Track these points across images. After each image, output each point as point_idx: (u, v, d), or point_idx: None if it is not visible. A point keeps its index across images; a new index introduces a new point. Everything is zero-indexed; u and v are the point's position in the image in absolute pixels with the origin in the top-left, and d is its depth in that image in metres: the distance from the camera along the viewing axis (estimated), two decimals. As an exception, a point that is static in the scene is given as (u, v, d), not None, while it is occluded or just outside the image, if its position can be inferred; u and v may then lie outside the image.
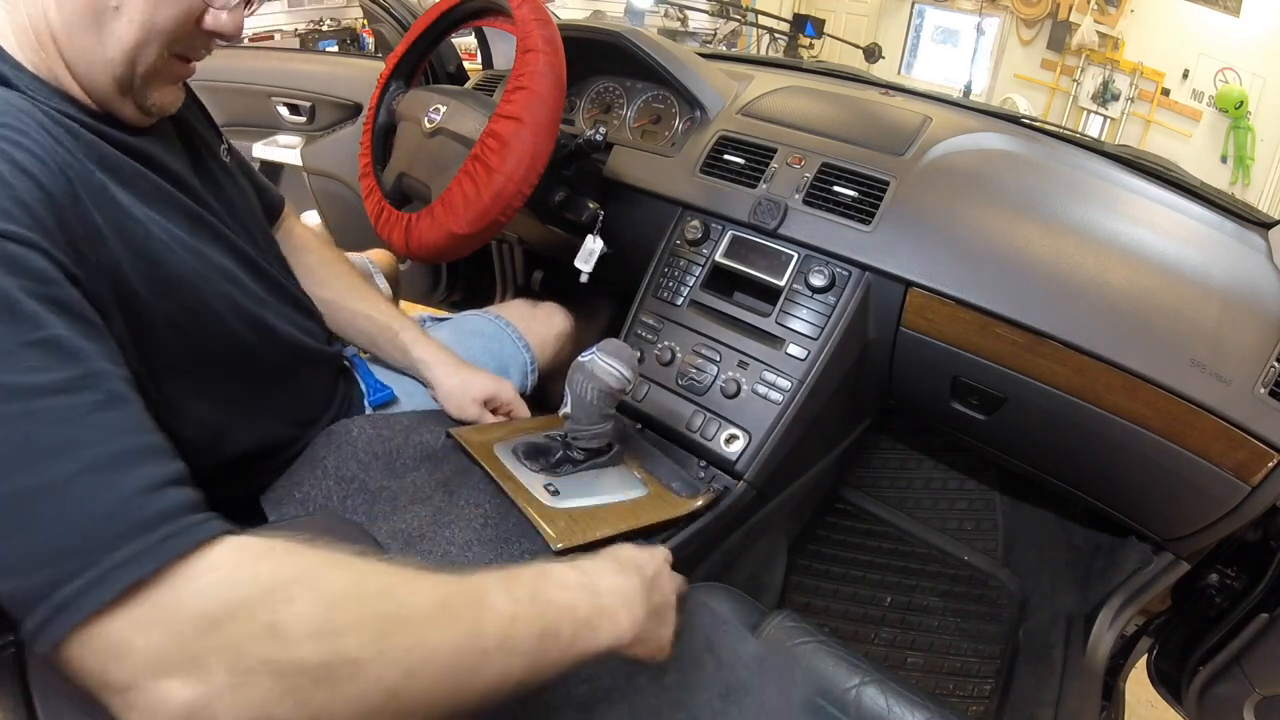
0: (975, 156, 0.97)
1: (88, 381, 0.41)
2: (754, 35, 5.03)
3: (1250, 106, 3.73)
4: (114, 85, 0.56)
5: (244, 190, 0.77)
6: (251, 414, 0.70)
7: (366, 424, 0.79)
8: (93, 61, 0.55)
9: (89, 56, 0.54)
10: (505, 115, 0.88)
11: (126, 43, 0.55)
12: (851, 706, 0.62)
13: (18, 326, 0.40)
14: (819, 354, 0.92)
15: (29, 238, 0.43)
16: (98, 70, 0.55)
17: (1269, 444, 0.75)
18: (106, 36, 0.54)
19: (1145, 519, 0.97)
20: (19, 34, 0.54)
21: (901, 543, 1.44)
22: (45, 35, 0.54)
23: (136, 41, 0.55)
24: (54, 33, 0.53)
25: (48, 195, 0.47)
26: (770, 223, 0.97)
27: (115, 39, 0.54)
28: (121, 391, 0.43)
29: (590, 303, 1.50)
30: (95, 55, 0.55)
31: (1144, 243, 0.85)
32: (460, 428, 0.83)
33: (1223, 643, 0.97)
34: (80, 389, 0.41)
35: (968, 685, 1.20)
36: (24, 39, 0.54)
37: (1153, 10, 4.07)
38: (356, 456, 0.75)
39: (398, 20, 1.53)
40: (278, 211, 0.90)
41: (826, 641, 0.71)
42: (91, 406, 0.41)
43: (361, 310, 0.89)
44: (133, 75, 0.57)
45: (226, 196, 0.72)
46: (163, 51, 0.57)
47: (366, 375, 0.89)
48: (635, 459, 0.88)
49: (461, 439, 0.80)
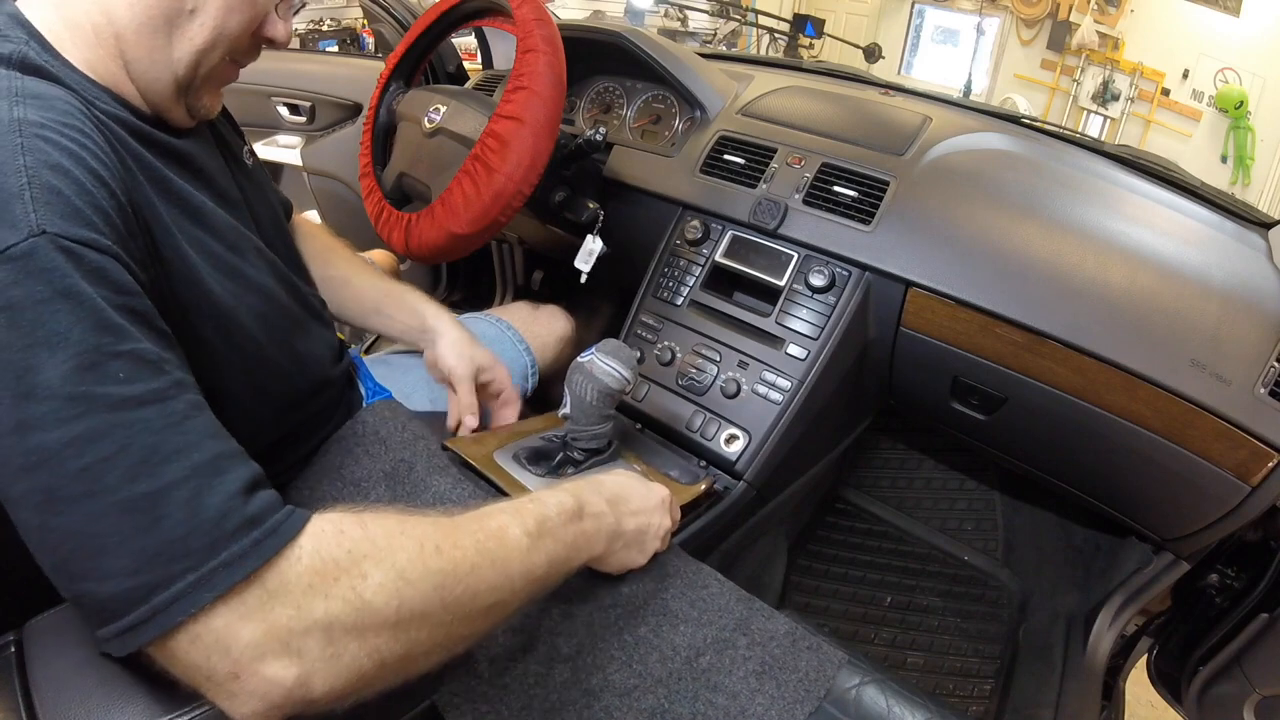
0: (975, 156, 0.97)
1: (174, 391, 0.43)
2: (754, 35, 5.03)
3: (1250, 106, 3.73)
4: (172, 86, 0.57)
5: (266, 194, 0.77)
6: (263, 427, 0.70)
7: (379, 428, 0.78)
8: (157, 61, 0.55)
9: (154, 56, 0.55)
10: (505, 115, 0.88)
11: (197, 45, 0.56)
12: (851, 706, 0.62)
13: (106, 337, 0.41)
14: (819, 354, 0.92)
15: (112, 248, 0.44)
16: (160, 69, 0.56)
17: (1269, 444, 0.75)
18: (177, 38, 0.55)
19: (1145, 519, 0.97)
20: (72, 30, 0.53)
21: (901, 543, 1.44)
22: (107, 32, 0.54)
23: (206, 44, 0.56)
24: (118, 30, 0.54)
25: (119, 204, 0.47)
26: (770, 223, 0.97)
27: (186, 40, 0.55)
28: (201, 400, 0.45)
29: (590, 303, 1.50)
30: (161, 55, 0.55)
31: (1144, 243, 0.85)
32: (456, 439, 0.82)
33: (1223, 643, 0.97)
34: (169, 398, 0.43)
35: (968, 685, 1.20)
36: (78, 35, 0.54)
37: (1153, 10, 4.07)
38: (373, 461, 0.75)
39: (398, 20, 1.53)
40: (288, 214, 0.90)
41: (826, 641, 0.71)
42: (183, 415, 0.43)
43: (367, 282, 0.91)
44: (193, 77, 0.58)
45: (253, 202, 0.72)
46: (225, 55, 0.59)
47: (366, 378, 0.89)
48: (633, 453, 0.88)
49: (459, 450, 0.79)
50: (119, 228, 0.46)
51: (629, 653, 0.63)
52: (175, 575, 0.39)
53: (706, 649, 0.64)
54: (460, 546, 0.49)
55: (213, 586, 0.39)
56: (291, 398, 0.72)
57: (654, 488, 0.69)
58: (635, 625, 0.65)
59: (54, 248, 0.41)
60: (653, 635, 0.64)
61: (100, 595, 0.39)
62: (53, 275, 0.40)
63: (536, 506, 0.56)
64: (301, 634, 0.41)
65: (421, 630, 0.45)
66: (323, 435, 0.78)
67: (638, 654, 0.63)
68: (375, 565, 0.44)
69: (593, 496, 0.62)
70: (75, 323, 0.40)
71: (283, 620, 0.41)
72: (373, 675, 0.44)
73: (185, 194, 0.58)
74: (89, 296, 0.41)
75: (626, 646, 0.63)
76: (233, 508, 0.42)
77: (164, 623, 0.39)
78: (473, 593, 0.48)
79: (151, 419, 0.41)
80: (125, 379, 0.41)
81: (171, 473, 0.40)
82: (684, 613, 0.67)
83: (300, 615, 0.41)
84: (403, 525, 0.48)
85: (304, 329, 0.73)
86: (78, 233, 0.42)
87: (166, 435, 0.41)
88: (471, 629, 0.50)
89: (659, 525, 0.67)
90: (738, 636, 0.65)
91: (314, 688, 0.41)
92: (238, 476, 0.43)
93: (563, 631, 0.63)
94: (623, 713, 0.59)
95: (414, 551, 0.46)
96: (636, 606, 0.66)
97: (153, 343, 0.44)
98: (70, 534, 0.39)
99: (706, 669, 0.62)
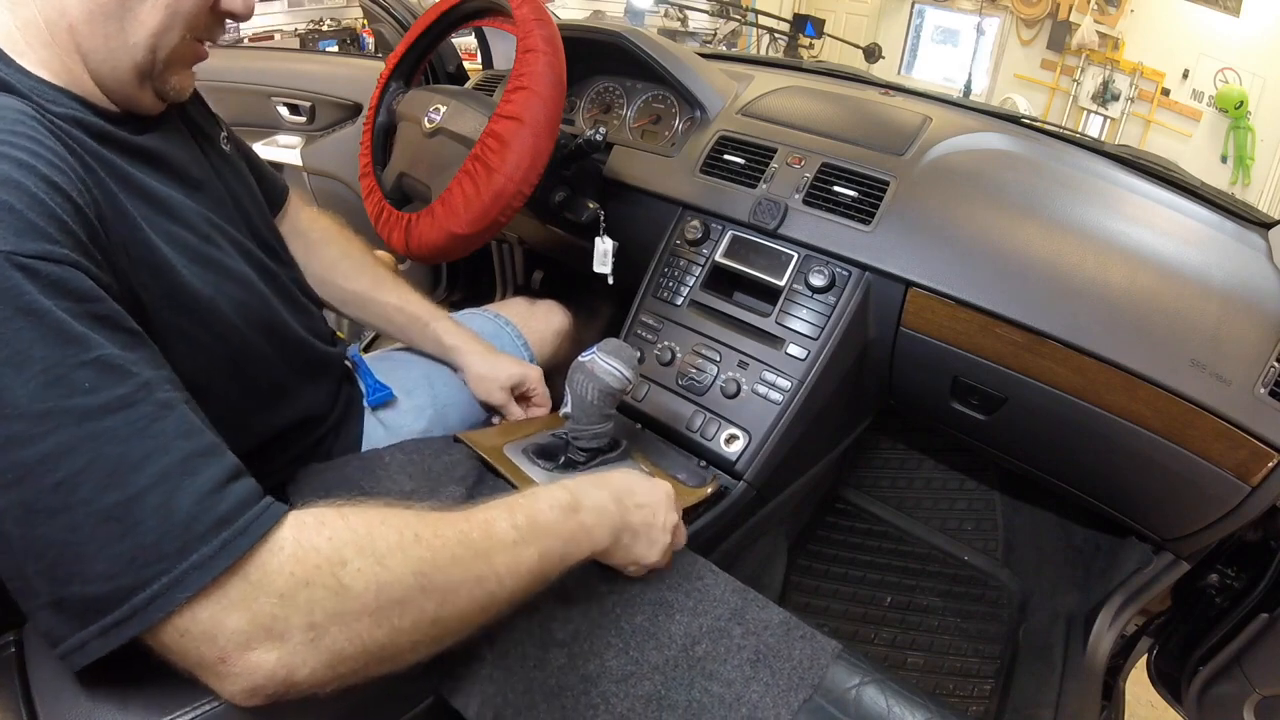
0: (975, 156, 0.97)
1: (141, 395, 0.44)
2: (754, 35, 5.02)
3: (1250, 106, 3.73)
4: (134, 72, 0.57)
5: (246, 180, 0.76)
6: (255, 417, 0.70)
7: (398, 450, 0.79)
8: (114, 49, 0.55)
9: (111, 44, 0.55)
10: (505, 115, 0.88)
11: (150, 27, 0.56)
12: (851, 706, 0.62)
13: (69, 349, 0.42)
14: (819, 354, 0.92)
15: (69, 256, 0.44)
16: (119, 57, 0.56)
17: (1269, 444, 0.75)
18: (130, 22, 0.55)
19: (1145, 519, 0.96)
20: (26, 31, 0.53)
21: (901, 543, 1.44)
22: (60, 27, 0.53)
23: (160, 25, 0.56)
24: (72, 23, 0.53)
25: (75, 207, 0.47)
26: (770, 223, 0.97)
27: (139, 24, 0.55)
28: (172, 398, 0.46)
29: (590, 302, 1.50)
30: (117, 42, 0.55)
31: (1144, 243, 0.85)
32: (468, 432, 0.84)
33: (1223, 643, 0.97)
34: (136, 402, 0.43)
35: (968, 685, 1.20)
36: (32, 35, 0.53)
37: (1153, 10, 4.07)
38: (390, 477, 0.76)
39: (398, 20, 1.53)
40: (281, 200, 0.89)
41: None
42: (150, 418, 0.43)
43: (392, 303, 0.93)
44: (154, 60, 0.57)
45: (230, 188, 0.72)
46: (184, 34, 0.58)
47: (366, 375, 0.89)
48: (641, 454, 0.89)
49: (471, 442, 0.81)
50: (76, 234, 0.46)
51: (626, 640, 0.64)
52: (150, 578, 0.41)
53: (702, 637, 0.65)
54: (442, 536, 0.50)
55: (186, 587, 0.41)
56: (279, 385, 0.72)
57: (658, 483, 0.69)
58: (632, 614, 0.66)
59: (10, 265, 0.41)
60: (649, 624, 0.66)
61: (86, 596, 0.41)
62: (10, 294, 0.40)
63: (529, 501, 0.57)
64: (285, 620, 0.42)
65: (403, 618, 0.47)
66: (321, 432, 0.78)
67: (634, 642, 0.64)
68: (355, 551, 0.45)
69: (593, 490, 0.62)
70: (37, 339, 0.41)
71: (266, 608, 0.42)
72: (356, 661, 0.45)
73: (151, 189, 0.58)
74: (48, 311, 0.41)
75: (624, 634, 0.65)
76: (204, 508, 0.43)
77: (144, 620, 0.41)
78: (455, 582, 0.49)
79: (118, 427, 0.42)
80: (91, 388, 0.42)
81: (141, 480, 0.42)
82: (680, 602, 0.68)
83: (283, 603, 0.43)
84: (384, 516, 0.49)
85: (285, 314, 0.73)
86: (31, 247, 0.42)
87: (134, 442, 0.42)
88: (460, 620, 0.50)
89: (665, 519, 0.67)
90: (733, 625, 0.66)
91: (296, 671, 0.43)
92: (210, 475, 0.44)
93: (558, 617, 0.64)
94: (619, 699, 0.60)
95: (393, 540, 0.47)
96: (633, 596, 0.67)
97: (119, 346, 0.44)
98: (52, 544, 0.40)
99: (702, 657, 0.64)
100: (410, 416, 0.89)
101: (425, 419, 0.89)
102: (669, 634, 0.65)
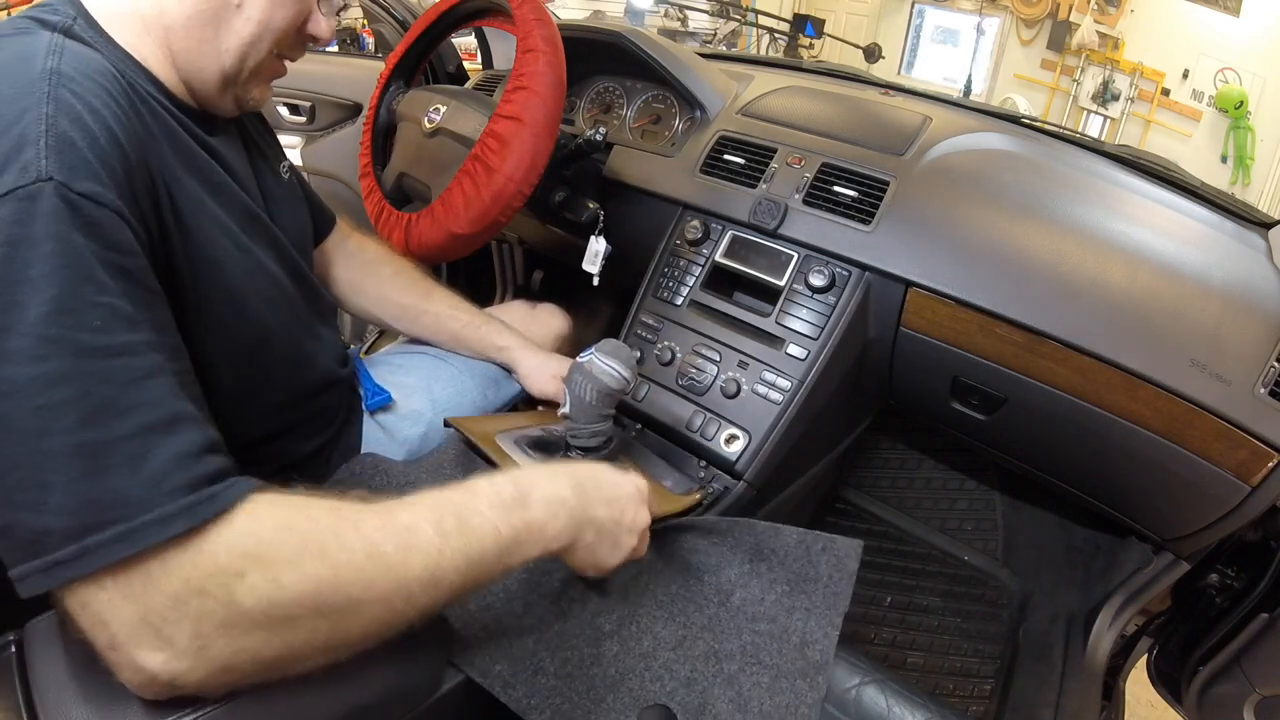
0: (975, 156, 0.97)
1: (143, 348, 0.45)
2: (754, 35, 5.02)
3: (1250, 106, 3.73)
4: (220, 77, 0.60)
5: (298, 210, 0.79)
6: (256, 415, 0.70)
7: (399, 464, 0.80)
8: (205, 53, 0.58)
9: (203, 48, 0.58)
10: (505, 115, 0.88)
11: (243, 37, 0.59)
12: (851, 706, 0.62)
13: (88, 287, 0.43)
14: (819, 354, 0.92)
15: (115, 203, 0.46)
16: (208, 61, 0.59)
17: (1269, 444, 0.75)
18: (224, 31, 0.58)
19: (1145, 519, 0.97)
20: (119, 18, 0.56)
21: (901, 543, 1.44)
22: (156, 24, 0.56)
23: (252, 37, 0.60)
24: (168, 23, 0.57)
25: (133, 164, 0.49)
26: (770, 223, 0.97)
27: (233, 34, 0.59)
28: (171, 361, 0.47)
29: (590, 303, 1.50)
30: (209, 47, 0.58)
31: (1144, 243, 0.85)
32: (459, 418, 0.84)
33: (1223, 643, 0.97)
34: (137, 354, 0.44)
35: (968, 685, 1.20)
36: (125, 23, 0.56)
37: (1153, 10, 4.07)
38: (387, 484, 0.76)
39: (398, 20, 1.53)
40: (327, 229, 0.93)
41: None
42: (146, 373, 0.44)
43: (445, 311, 0.97)
44: (241, 69, 0.61)
45: (281, 208, 0.74)
46: (272, 49, 0.62)
47: (365, 379, 0.89)
48: (629, 458, 0.88)
49: (462, 427, 0.81)
50: (127, 188, 0.48)
51: (668, 609, 0.67)
52: (105, 523, 0.40)
53: (735, 587, 0.69)
54: (348, 550, 0.45)
55: (136, 541, 0.40)
56: (290, 392, 0.72)
57: (628, 476, 0.63)
58: (667, 584, 0.69)
59: (57, 195, 0.43)
60: (683, 590, 0.69)
61: (34, 526, 0.40)
62: (50, 221, 0.42)
63: (464, 498, 0.52)
64: (174, 624, 0.41)
65: (297, 633, 0.44)
66: (319, 441, 0.78)
67: (677, 608, 0.67)
68: (253, 564, 0.43)
69: (547, 482, 0.57)
70: (60, 268, 0.42)
71: (157, 606, 0.41)
72: (248, 670, 0.44)
73: (210, 171, 0.60)
74: (79, 246, 0.43)
75: (664, 604, 0.67)
76: (176, 469, 0.43)
77: (85, 566, 0.40)
78: (355, 602, 0.45)
79: (115, 371, 0.43)
80: (99, 328, 0.43)
81: (123, 427, 0.42)
82: (702, 563, 0.71)
83: (174, 605, 0.41)
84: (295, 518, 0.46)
85: (313, 330, 0.75)
86: (83, 185, 0.44)
87: (126, 390, 0.43)
88: (361, 636, 0.47)
89: (634, 517, 0.61)
90: (758, 564, 0.70)
91: (180, 675, 0.42)
92: (189, 439, 0.44)
93: (601, 612, 0.65)
94: (680, 664, 0.63)
95: (295, 552, 0.44)
96: (659, 570, 0.70)
97: (135, 300, 0.45)
98: (19, 465, 0.40)
99: (740, 604, 0.68)
100: (409, 420, 0.88)
101: (423, 422, 0.89)
102: (703, 594, 0.68)
